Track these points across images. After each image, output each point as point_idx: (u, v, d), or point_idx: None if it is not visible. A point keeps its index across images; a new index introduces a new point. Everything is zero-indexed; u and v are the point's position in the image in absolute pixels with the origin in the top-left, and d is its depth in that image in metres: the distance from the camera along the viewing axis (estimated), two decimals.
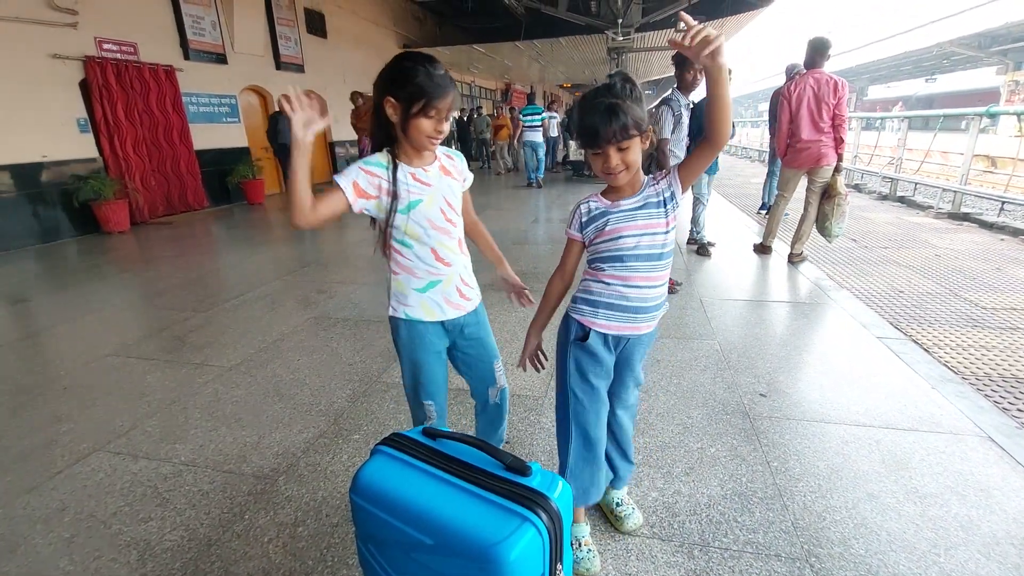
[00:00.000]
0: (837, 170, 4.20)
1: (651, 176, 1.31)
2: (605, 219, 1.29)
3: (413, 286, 1.40)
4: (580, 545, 1.47)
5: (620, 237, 1.28)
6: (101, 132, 6.65)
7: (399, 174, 1.31)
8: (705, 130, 1.19)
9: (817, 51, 4.12)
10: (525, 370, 1.55)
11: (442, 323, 1.45)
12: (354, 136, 12.29)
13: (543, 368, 1.53)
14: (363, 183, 1.29)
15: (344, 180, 1.28)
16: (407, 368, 1.50)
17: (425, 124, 1.26)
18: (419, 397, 1.52)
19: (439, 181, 1.37)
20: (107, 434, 2.18)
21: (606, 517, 1.64)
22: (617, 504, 1.63)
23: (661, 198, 1.28)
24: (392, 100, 1.26)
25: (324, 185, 1.56)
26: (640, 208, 1.28)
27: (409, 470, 0.99)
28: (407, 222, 1.33)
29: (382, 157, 1.32)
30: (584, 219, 1.33)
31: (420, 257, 1.37)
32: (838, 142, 4.15)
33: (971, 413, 2.15)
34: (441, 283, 1.41)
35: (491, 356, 1.60)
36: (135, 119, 7.04)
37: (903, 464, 1.85)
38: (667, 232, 1.29)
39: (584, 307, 1.36)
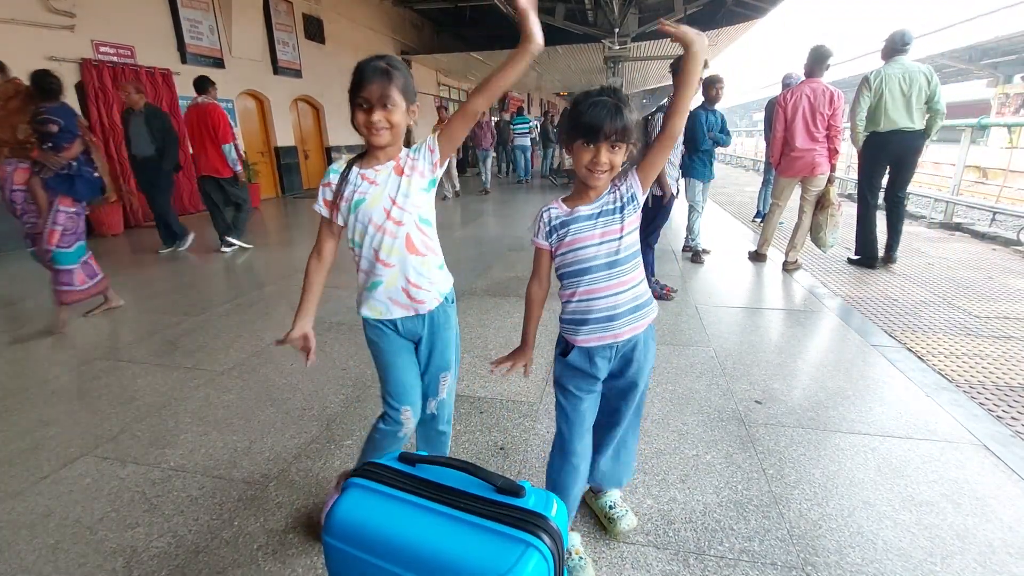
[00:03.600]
0: (830, 181, 4.23)
1: (612, 183, 1.32)
2: (566, 228, 1.31)
3: (363, 285, 1.42)
4: (571, 554, 1.44)
5: (580, 248, 1.30)
6: (96, 134, 6.61)
7: (350, 175, 1.35)
8: (664, 121, 1.21)
9: (817, 60, 4.16)
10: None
11: (393, 322, 1.43)
12: (350, 140, 12.33)
13: (514, 372, 1.50)
14: (328, 196, 1.37)
15: (318, 206, 1.39)
16: (377, 367, 1.49)
17: (358, 116, 1.27)
18: (385, 395, 1.48)
19: (387, 180, 1.34)
20: (95, 438, 2.15)
21: (599, 522, 1.62)
22: (610, 507, 1.61)
23: (619, 203, 1.29)
24: (350, 103, 1.29)
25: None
26: (597, 216, 1.29)
27: (391, 502, 0.90)
28: (352, 221, 1.35)
29: (336, 164, 1.38)
30: (547, 228, 1.34)
31: (365, 256, 1.38)
32: (832, 152, 4.19)
33: (966, 421, 2.15)
34: (383, 283, 1.38)
35: (442, 368, 1.54)
36: None
37: (899, 472, 1.85)
38: (621, 237, 1.29)
39: (567, 326, 1.39)
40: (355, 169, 1.35)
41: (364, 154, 1.38)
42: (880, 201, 4.59)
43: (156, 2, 7.47)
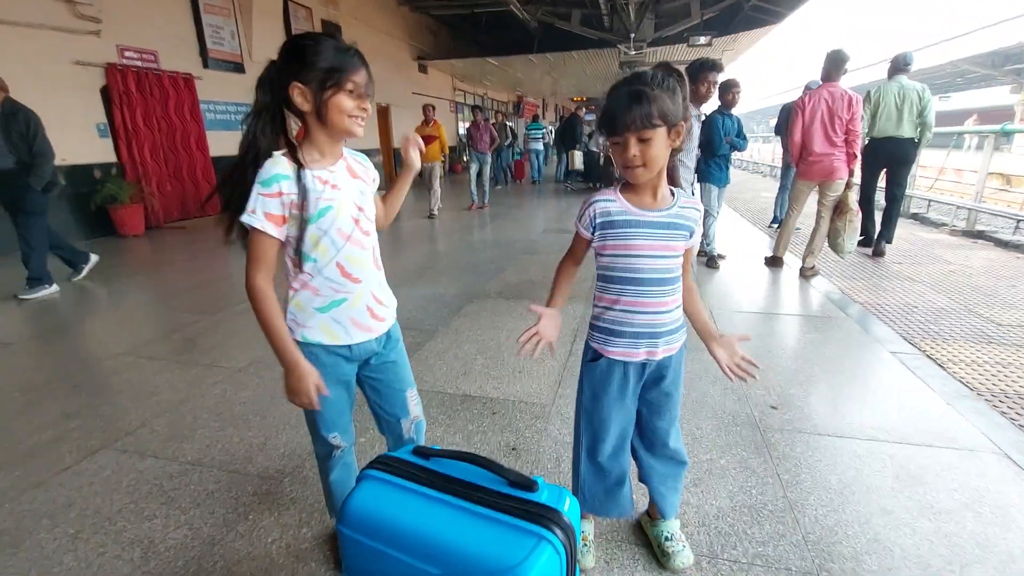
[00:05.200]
0: (848, 186, 4.18)
1: (680, 195, 1.24)
2: (627, 228, 1.20)
3: (314, 305, 1.21)
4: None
5: (638, 255, 1.21)
6: (120, 137, 6.77)
7: (306, 180, 1.11)
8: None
9: (834, 64, 4.13)
10: (519, 354, 1.24)
11: (349, 347, 1.26)
12: (366, 142, 12.44)
13: (539, 353, 1.26)
14: (274, 209, 1.11)
15: (256, 220, 1.10)
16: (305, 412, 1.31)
17: (345, 101, 1.10)
18: (320, 431, 1.33)
19: (348, 183, 1.19)
20: (115, 432, 2.19)
21: (651, 550, 1.52)
22: (666, 538, 1.48)
23: (687, 223, 1.23)
24: (300, 85, 1.09)
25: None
26: (666, 227, 1.21)
27: (405, 494, 0.91)
28: (315, 233, 1.15)
29: (277, 166, 1.10)
30: (599, 220, 1.22)
31: (322, 272, 1.19)
32: (850, 157, 4.14)
33: (987, 429, 2.11)
34: (347, 302, 1.22)
35: (405, 384, 1.41)
36: (153, 125, 7.17)
37: (918, 479, 1.81)
38: (679, 256, 1.25)
39: (597, 334, 1.32)
40: (307, 172, 1.12)
41: (292, 150, 1.14)
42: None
43: (179, 8, 7.63)
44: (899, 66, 4.93)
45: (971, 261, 5.07)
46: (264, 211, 1.10)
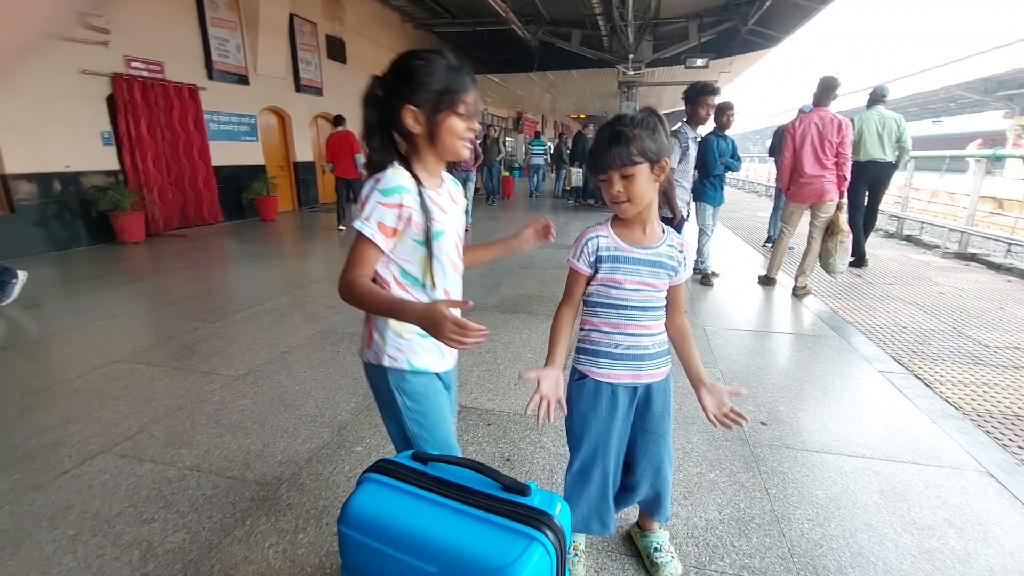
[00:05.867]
0: (839, 207, 4.27)
1: (669, 234, 1.30)
2: (619, 264, 1.26)
3: (418, 331, 1.13)
4: (570, 549, 1.44)
5: (623, 288, 1.27)
6: (124, 146, 6.85)
7: (425, 198, 1.10)
8: None
9: (825, 90, 4.24)
10: (532, 416, 1.17)
11: (448, 373, 1.27)
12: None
13: (549, 420, 1.19)
14: (388, 220, 1.07)
15: (368, 228, 1.06)
16: (419, 427, 1.21)
17: (458, 124, 1.10)
18: None
19: (452, 209, 1.19)
20: (114, 437, 2.22)
21: (641, 560, 1.56)
22: (655, 549, 1.51)
23: (675, 262, 1.28)
24: (413, 108, 1.07)
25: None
26: (652, 264, 1.27)
27: (403, 496, 0.94)
28: (425, 255, 1.13)
29: (399, 177, 1.08)
30: (593, 256, 1.27)
31: (432, 298, 1.16)
32: (841, 180, 4.23)
33: (971, 448, 2.16)
34: None
35: (454, 408, 1.40)
36: (157, 134, 7.25)
37: (902, 496, 1.86)
38: (661, 290, 1.30)
39: (582, 356, 1.36)
40: (424, 191, 1.10)
41: (407, 163, 1.12)
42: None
43: (186, 21, 7.76)
44: (877, 97, 5.54)
45: (962, 283, 5.15)
46: (378, 220, 1.06)
